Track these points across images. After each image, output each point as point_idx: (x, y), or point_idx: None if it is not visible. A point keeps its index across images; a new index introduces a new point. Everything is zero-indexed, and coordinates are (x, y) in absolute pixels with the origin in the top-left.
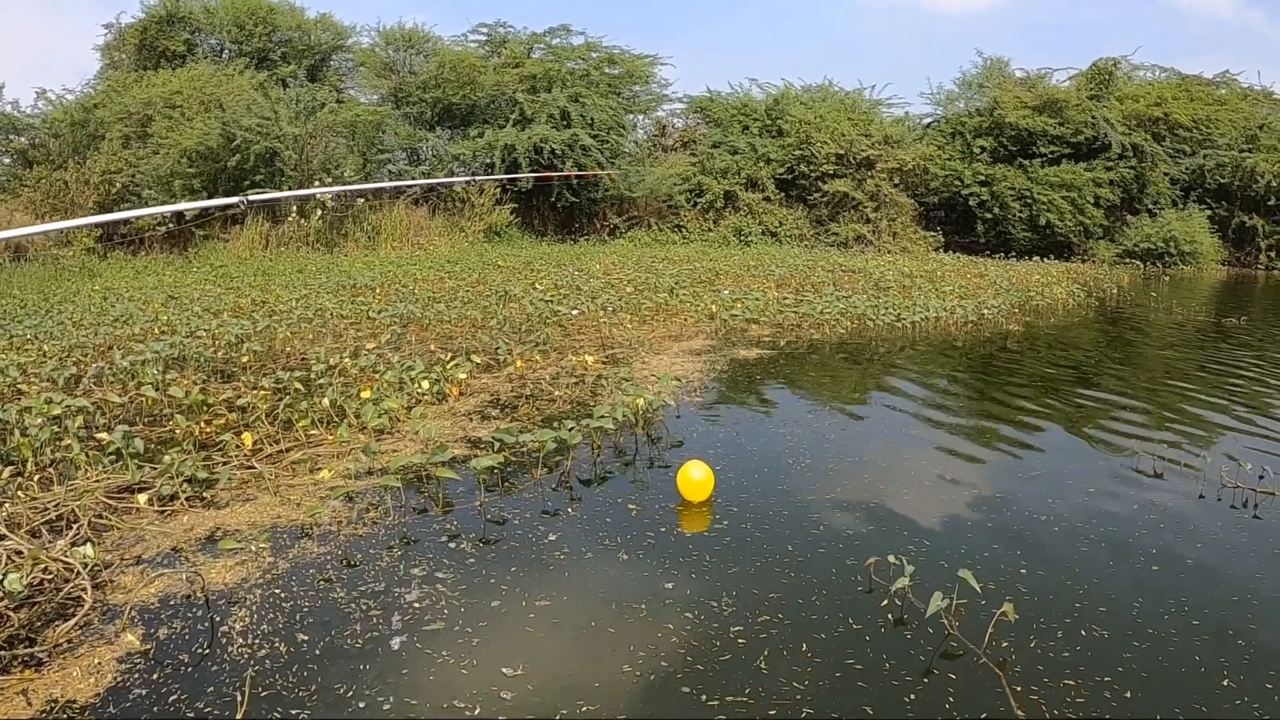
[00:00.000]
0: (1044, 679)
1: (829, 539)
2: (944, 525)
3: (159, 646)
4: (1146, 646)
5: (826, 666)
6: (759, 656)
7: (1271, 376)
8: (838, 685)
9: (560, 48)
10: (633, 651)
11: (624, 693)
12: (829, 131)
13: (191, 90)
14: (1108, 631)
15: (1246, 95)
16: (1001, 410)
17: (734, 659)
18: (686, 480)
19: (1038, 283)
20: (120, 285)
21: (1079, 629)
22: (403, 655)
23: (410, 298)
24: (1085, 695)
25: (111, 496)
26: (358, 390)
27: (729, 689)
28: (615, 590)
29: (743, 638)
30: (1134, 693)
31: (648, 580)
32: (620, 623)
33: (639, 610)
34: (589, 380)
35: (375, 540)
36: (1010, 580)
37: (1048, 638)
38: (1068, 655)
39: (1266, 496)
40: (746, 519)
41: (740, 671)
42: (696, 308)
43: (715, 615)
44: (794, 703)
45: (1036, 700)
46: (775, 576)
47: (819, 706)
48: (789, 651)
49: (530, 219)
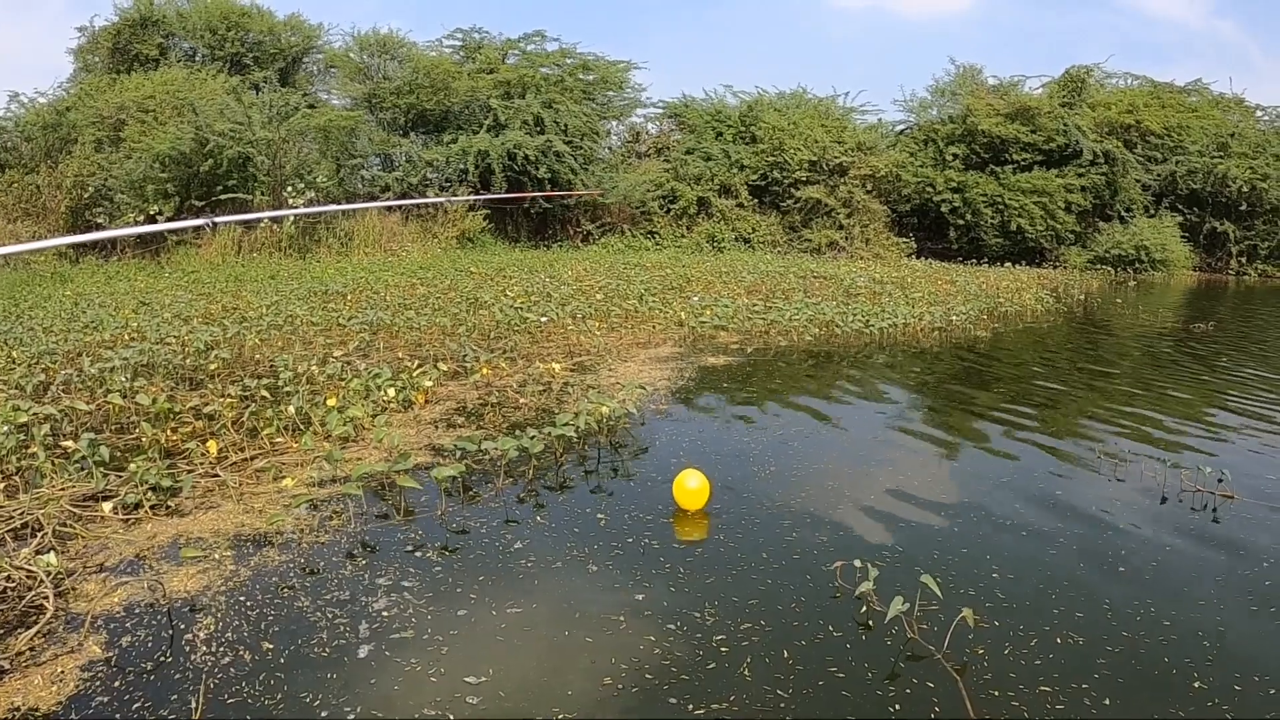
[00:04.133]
0: (1020, 685)
1: (802, 545)
2: (912, 530)
3: (121, 654)
4: (1119, 650)
5: (809, 673)
6: (742, 664)
7: (1234, 382)
8: (821, 692)
9: (535, 54)
10: (614, 663)
11: (606, 702)
12: (802, 138)
13: (164, 94)
14: (1082, 638)
15: (1218, 103)
16: (966, 416)
17: (718, 668)
18: (682, 489)
19: (1007, 289)
20: (92, 291)
21: (1055, 635)
22: (371, 664)
23: (381, 304)
24: (1064, 701)
25: (76, 505)
26: (324, 398)
27: (715, 697)
28: (588, 600)
29: (726, 646)
30: (1112, 699)
31: (619, 591)
32: (598, 633)
33: (617, 621)
34: (556, 388)
35: (338, 548)
36: (980, 585)
37: (1022, 644)
38: (1039, 663)
39: (1225, 500)
40: (718, 528)
41: (725, 680)
42: (665, 315)
43: (698, 625)
44: (778, 710)
45: (1018, 705)
46: (753, 584)
47: (804, 713)
48: (771, 659)
49: (504, 225)
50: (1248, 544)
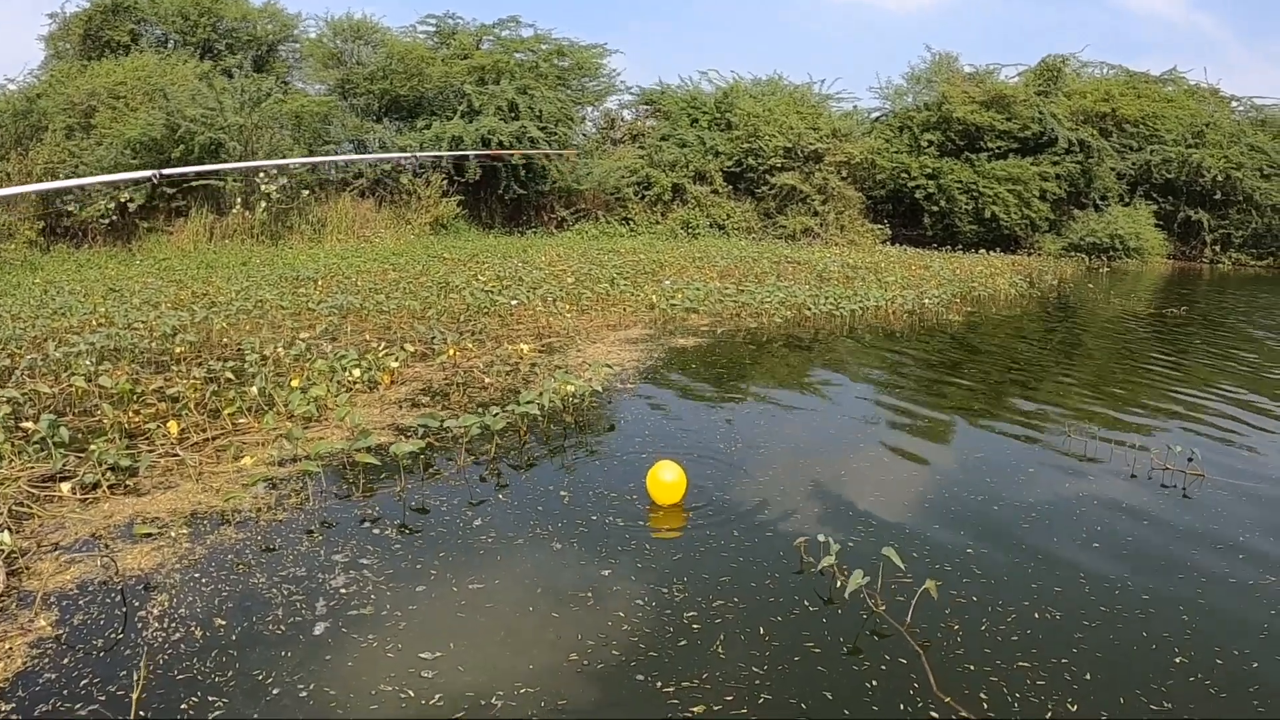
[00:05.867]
0: (996, 660)
1: (773, 522)
2: (883, 508)
3: (72, 631)
4: (1098, 625)
5: (783, 650)
6: (715, 641)
7: (1204, 364)
8: (796, 669)
9: (509, 40)
10: (580, 639)
11: (570, 679)
12: (777, 125)
13: (136, 80)
14: (1059, 612)
15: (1193, 93)
16: (937, 397)
17: (690, 645)
18: (657, 482)
19: (981, 274)
20: (62, 278)
21: (1033, 610)
22: (327, 640)
23: (351, 289)
24: (1044, 676)
25: (35, 485)
26: (289, 379)
27: (686, 674)
28: (552, 577)
29: (697, 623)
30: (1093, 673)
31: (585, 567)
32: (563, 609)
33: (583, 597)
34: (523, 369)
35: (296, 526)
36: (955, 560)
37: (999, 619)
38: (1017, 638)
39: (1196, 478)
40: (686, 504)
41: (697, 657)
42: (637, 298)
43: (667, 601)
44: (753, 687)
45: (996, 680)
46: (723, 561)
47: (779, 690)
48: (746, 636)
49: (478, 211)
50: (1220, 519)
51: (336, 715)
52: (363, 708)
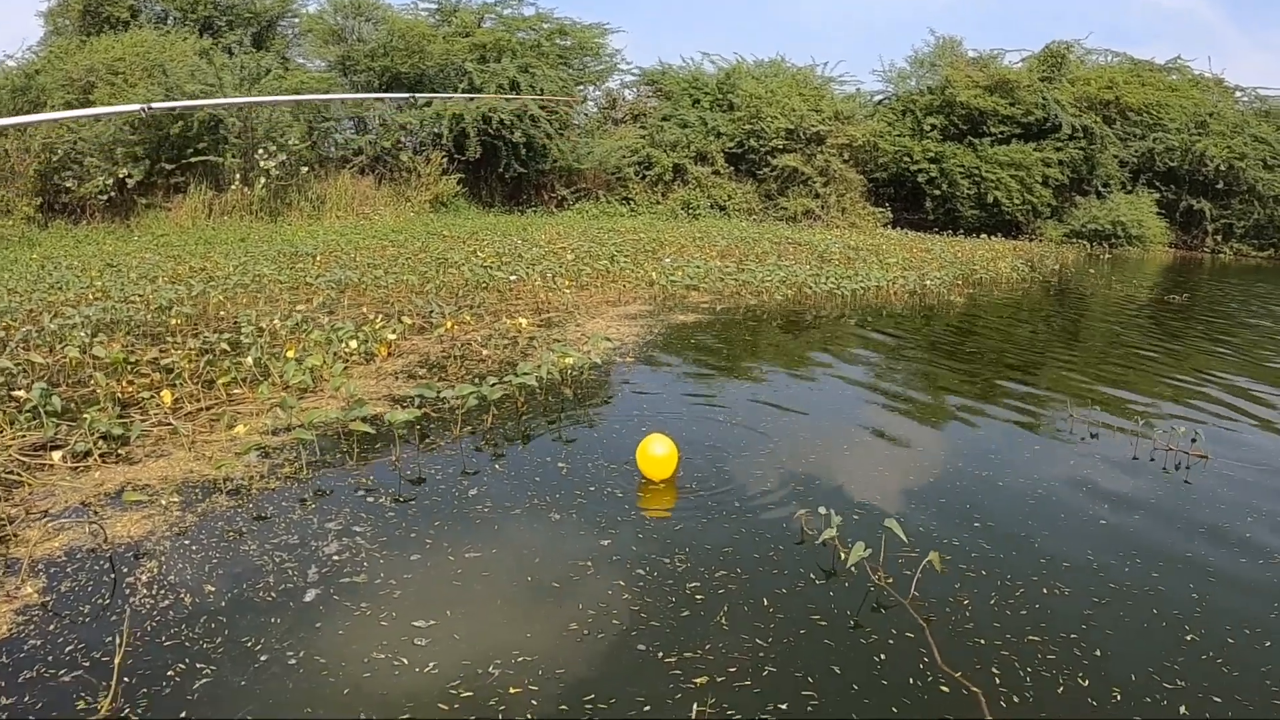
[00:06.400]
0: (1006, 634)
1: (774, 495)
2: (886, 482)
3: (59, 598)
4: (1107, 602)
5: (788, 622)
6: (719, 612)
7: (1205, 349)
8: (802, 641)
9: (511, 18)
10: (580, 609)
11: (570, 647)
12: (779, 106)
13: (134, 56)
14: (1068, 589)
15: (1197, 82)
16: (939, 376)
17: (693, 615)
18: (647, 456)
19: (982, 258)
20: (59, 254)
21: (1041, 586)
22: (319, 608)
23: (350, 265)
24: (1054, 651)
25: (25, 454)
26: (284, 350)
27: (689, 645)
28: (551, 547)
29: (701, 594)
30: (1103, 650)
31: (584, 538)
32: (563, 578)
33: (583, 566)
34: (521, 342)
35: (289, 494)
36: (963, 535)
37: (1008, 594)
38: (1025, 613)
39: (1199, 460)
40: (685, 477)
41: (700, 627)
42: (636, 275)
43: (669, 572)
44: (756, 659)
45: (1007, 654)
46: (725, 532)
47: (782, 663)
48: (750, 607)
49: (478, 190)
50: (1225, 500)
51: (328, 683)
52: (355, 675)
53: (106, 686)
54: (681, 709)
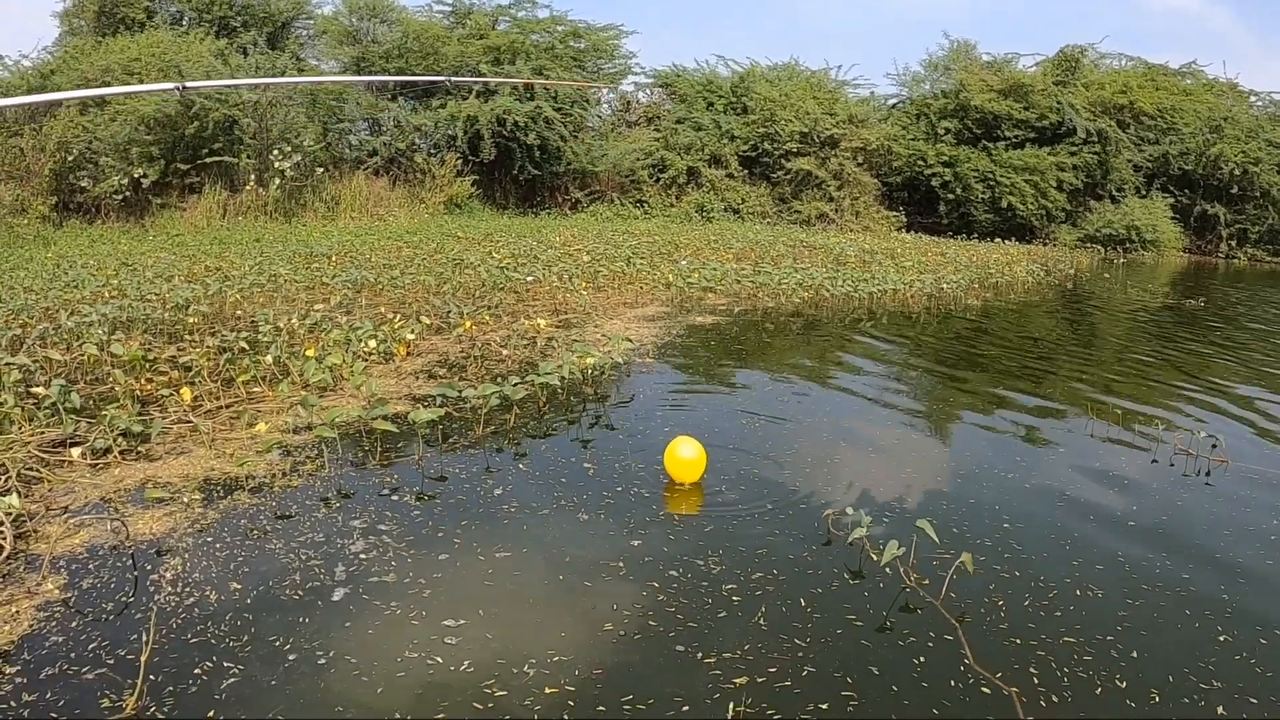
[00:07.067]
0: (1042, 635)
1: (804, 496)
2: (916, 484)
3: (81, 595)
4: (1140, 604)
5: (825, 622)
6: (757, 613)
7: (1224, 353)
8: (840, 641)
9: (525, 20)
10: (614, 609)
11: (605, 647)
12: (794, 110)
13: (150, 57)
14: (1101, 590)
15: (1212, 87)
16: (960, 378)
17: (730, 616)
18: (675, 459)
19: (997, 262)
20: (74, 253)
21: (1075, 588)
22: (348, 607)
23: (366, 265)
24: (1091, 652)
25: (45, 450)
26: (303, 349)
27: (727, 645)
28: (581, 547)
29: (738, 595)
30: (1139, 652)
31: (614, 538)
32: (595, 578)
33: (615, 567)
34: (540, 343)
35: (312, 493)
36: (995, 537)
37: (1041, 595)
38: (1060, 614)
39: (1219, 464)
40: (713, 478)
41: (738, 628)
42: (653, 277)
43: (703, 573)
44: (795, 660)
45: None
46: (758, 534)
47: (821, 664)
48: (788, 608)
49: (492, 192)
50: (1249, 502)
51: (360, 682)
52: (388, 674)
53: (131, 684)
54: (719, 709)
